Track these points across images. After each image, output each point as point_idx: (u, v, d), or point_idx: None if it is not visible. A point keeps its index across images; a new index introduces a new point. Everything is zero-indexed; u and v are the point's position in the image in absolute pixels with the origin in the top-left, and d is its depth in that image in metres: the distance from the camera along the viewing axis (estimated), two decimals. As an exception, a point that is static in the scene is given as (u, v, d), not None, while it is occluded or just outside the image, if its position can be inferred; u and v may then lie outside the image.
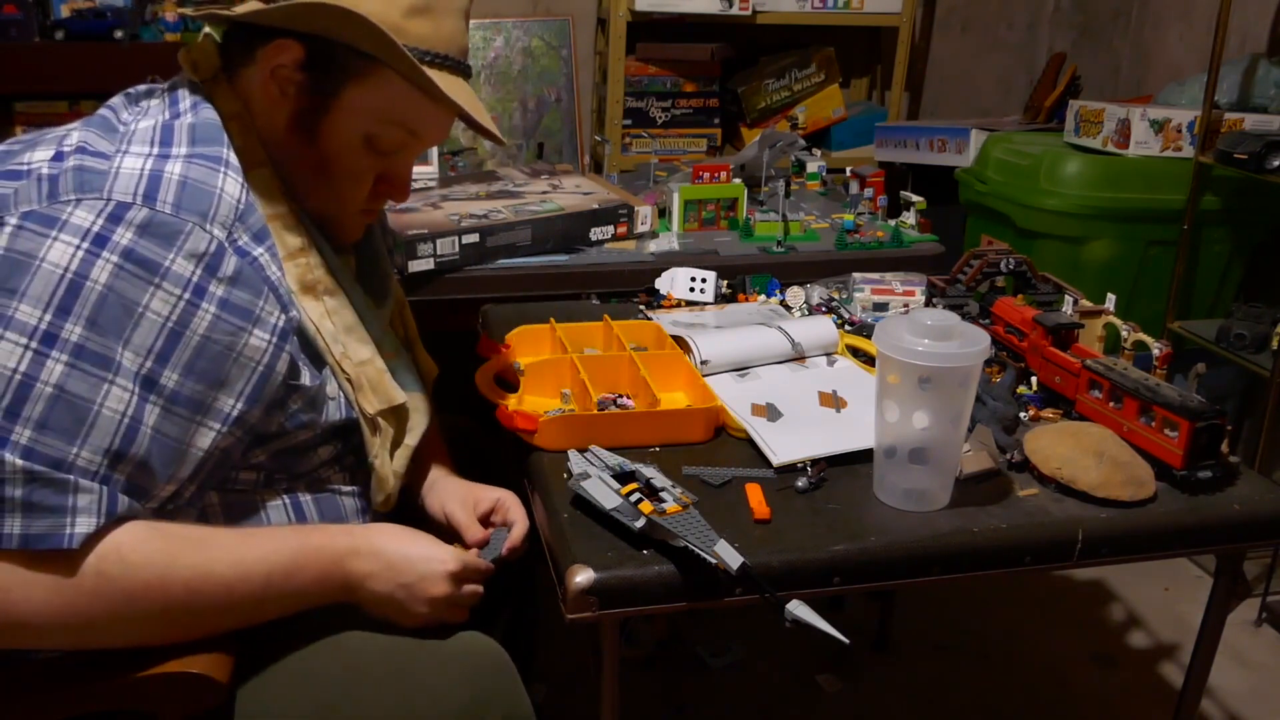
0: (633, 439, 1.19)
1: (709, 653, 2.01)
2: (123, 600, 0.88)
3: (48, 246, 0.85)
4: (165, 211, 0.89)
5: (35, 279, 0.84)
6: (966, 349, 1.03)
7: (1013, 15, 3.17)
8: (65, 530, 0.84)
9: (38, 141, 0.96)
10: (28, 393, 0.83)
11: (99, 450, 0.86)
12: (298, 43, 0.98)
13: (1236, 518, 1.13)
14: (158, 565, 0.90)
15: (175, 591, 0.90)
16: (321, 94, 1.00)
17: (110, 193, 0.89)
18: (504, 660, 1.06)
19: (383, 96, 1.00)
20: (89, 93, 2.30)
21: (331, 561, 0.98)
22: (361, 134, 1.02)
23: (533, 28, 2.74)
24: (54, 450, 0.84)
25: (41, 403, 0.83)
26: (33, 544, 0.84)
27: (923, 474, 1.09)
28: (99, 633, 0.90)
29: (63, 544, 0.84)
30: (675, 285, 1.63)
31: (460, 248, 1.67)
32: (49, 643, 0.91)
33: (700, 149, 2.87)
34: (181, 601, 0.91)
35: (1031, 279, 1.52)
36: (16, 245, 0.85)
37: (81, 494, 0.85)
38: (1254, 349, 2.20)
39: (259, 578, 0.94)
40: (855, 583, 1.04)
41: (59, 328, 0.84)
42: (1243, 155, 2.09)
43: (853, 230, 1.90)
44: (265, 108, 1.01)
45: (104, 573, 0.87)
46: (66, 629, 0.88)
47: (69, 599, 0.86)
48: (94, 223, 0.87)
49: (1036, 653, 2.07)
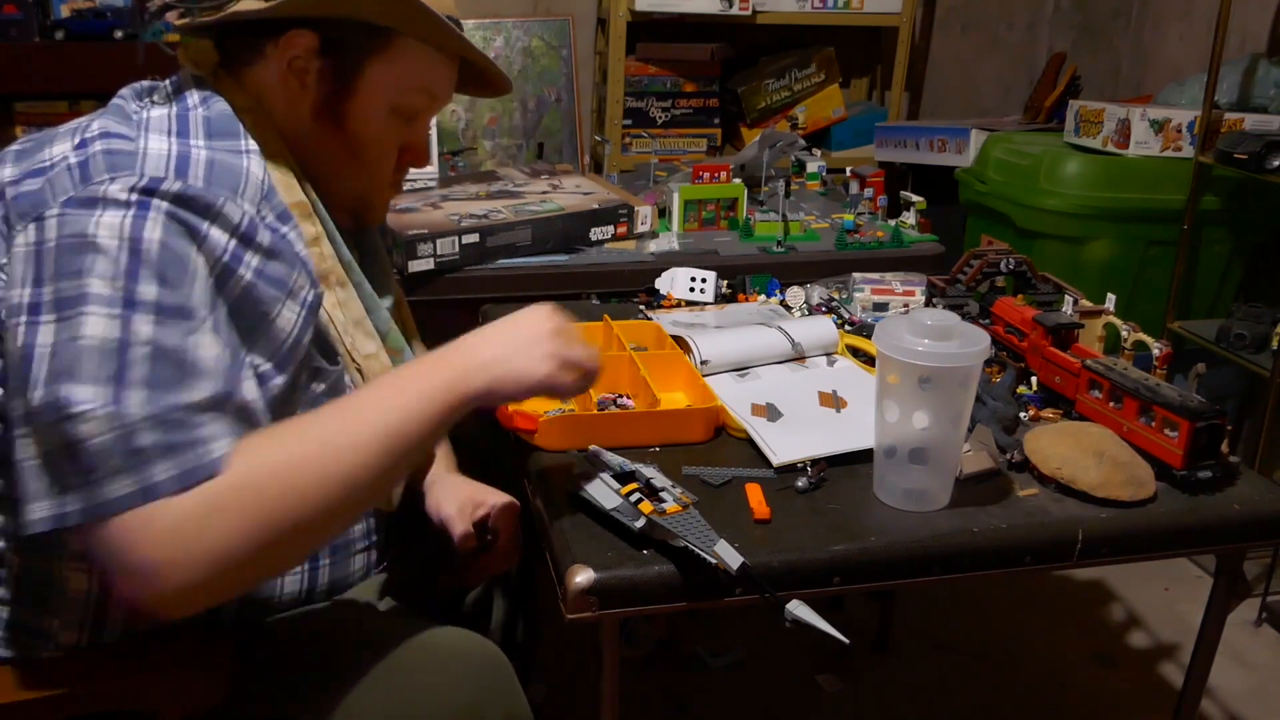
0: (633, 439, 1.19)
1: (709, 653, 2.01)
2: (280, 489, 0.86)
3: (96, 222, 0.86)
4: (198, 185, 0.91)
5: (96, 254, 0.85)
6: (966, 349, 1.03)
7: (1013, 15, 3.17)
8: (208, 457, 0.84)
9: (52, 137, 0.96)
10: (128, 356, 0.84)
11: (206, 392, 0.86)
12: (310, 31, 0.99)
13: (1236, 518, 1.13)
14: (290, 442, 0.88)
15: (313, 451, 0.88)
16: (344, 76, 1.01)
17: (143, 169, 0.90)
18: (502, 661, 1.06)
19: (403, 65, 1.03)
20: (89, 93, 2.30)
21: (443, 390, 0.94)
22: (388, 106, 1.04)
23: (533, 28, 2.73)
24: (169, 400, 0.84)
25: (144, 363, 0.84)
26: (187, 479, 0.83)
27: (923, 474, 1.09)
28: (278, 531, 0.86)
29: (214, 469, 0.84)
30: (675, 285, 1.63)
31: (460, 248, 1.67)
32: (248, 577, 0.89)
33: (700, 149, 2.87)
34: (326, 461, 0.88)
35: (1031, 279, 1.52)
36: (66, 231, 0.86)
37: (207, 425, 0.85)
38: (1254, 349, 2.20)
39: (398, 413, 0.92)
40: (855, 583, 1.04)
41: (134, 291, 0.85)
42: (1243, 155, 2.09)
43: (853, 230, 1.90)
44: (286, 101, 1.02)
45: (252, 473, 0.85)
46: (252, 546, 0.84)
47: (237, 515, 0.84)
48: (133, 194, 0.87)
49: (1036, 653, 2.07)
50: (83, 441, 0.81)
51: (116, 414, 0.82)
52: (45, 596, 0.96)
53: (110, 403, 0.82)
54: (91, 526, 0.81)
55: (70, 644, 0.97)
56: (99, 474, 0.81)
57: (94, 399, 0.81)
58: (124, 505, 0.81)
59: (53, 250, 0.85)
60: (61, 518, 0.81)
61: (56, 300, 0.84)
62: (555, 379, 0.97)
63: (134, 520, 0.81)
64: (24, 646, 0.97)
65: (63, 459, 0.81)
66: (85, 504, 0.81)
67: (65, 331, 0.83)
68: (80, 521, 0.81)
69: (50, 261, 0.85)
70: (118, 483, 0.81)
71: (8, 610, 0.96)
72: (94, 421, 0.81)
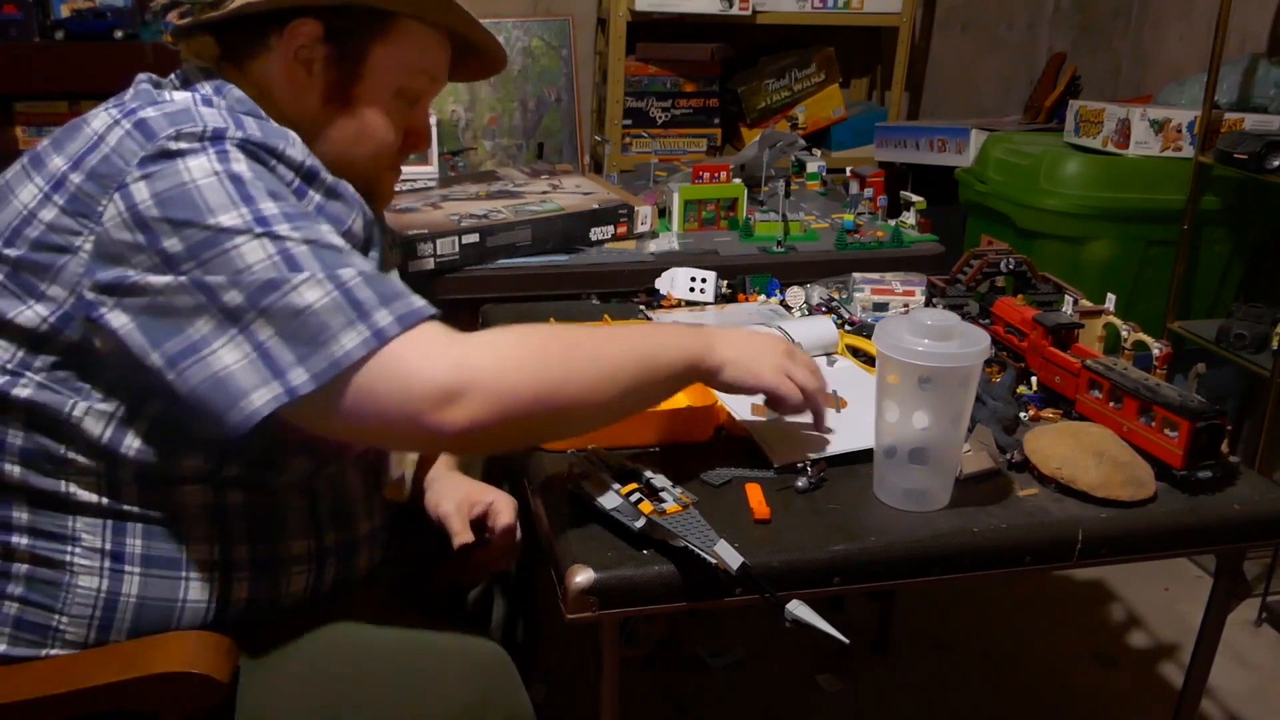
0: (633, 439, 1.19)
1: (709, 653, 2.01)
2: (555, 350, 0.95)
3: (185, 168, 0.88)
4: (258, 135, 0.93)
5: (205, 193, 0.87)
6: (966, 349, 1.03)
7: (1013, 15, 3.17)
8: (418, 303, 0.90)
9: (86, 120, 0.95)
10: (295, 257, 0.87)
11: (368, 263, 0.91)
12: (314, 19, 1.00)
13: (1236, 518, 1.13)
14: (556, 330, 1.00)
15: (583, 340, 0.99)
16: (351, 61, 1.03)
17: (203, 121, 0.92)
18: (505, 661, 1.06)
19: (406, 47, 1.05)
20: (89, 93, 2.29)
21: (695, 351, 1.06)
22: (394, 89, 1.06)
23: (533, 28, 2.73)
24: (353, 268, 0.88)
25: (310, 256, 0.87)
26: (408, 320, 0.88)
27: (923, 474, 1.09)
28: (551, 383, 0.93)
29: (426, 313, 0.89)
30: (675, 285, 1.63)
31: (460, 248, 1.67)
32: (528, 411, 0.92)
33: (700, 149, 2.87)
34: (592, 351, 0.97)
35: (1031, 279, 1.52)
36: (160, 186, 0.88)
37: (398, 280, 0.91)
38: (1254, 349, 2.20)
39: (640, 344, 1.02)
40: (855, 583, 1.04)
41: (258, 210, 0.88)
42: (1243, 155, 2.09)
43: (853, 230, 1.90)
44: (293, 92, 1.03)
45: (530, 330, 0.96)
46: (529, 380, 0.91)
47: (516, 345, 0.92)
48: (203, 140, 0.90)
49: (1036, 653, 2.07)
50: (310, 306, 0.85)
51: (333, 276, 0.87)
52: (54, 593, 0.96)
53: (320, 271, 0.86)
54: (338, 383, 0.85)
55: (77, 642, 0.97)
56: (329, 332, 0.85)
57: (306, 273, 0.86)
58: (359, 354, 0.85)
59: (154, 207, 0.87)
60: (294, 389, 0.85)
61: (189, 249, 0.86)
62: (780, 386, 1.09)
63: (410, 355, 0.86)
64: (30, 644, 0.97)
65: (286, 334, 0.85)
66: (326, 363, 0.85)
67: (223, 270, 0.86)
68: (325, 380, 0.85)
69: (161, 219, 0.87)
70: (348, 334, 0.85)
71: (16, 606, 0.96)
72: (316, 286, 0.86)
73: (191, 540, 0.97)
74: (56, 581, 0.96)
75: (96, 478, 0.95)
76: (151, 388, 0.90)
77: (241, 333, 0.86)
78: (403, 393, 0.86)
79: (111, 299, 0.88)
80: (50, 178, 0.92)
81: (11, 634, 0.96)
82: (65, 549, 0.95)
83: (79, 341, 0.91)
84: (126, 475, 0.95)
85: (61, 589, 0.96)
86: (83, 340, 0.91)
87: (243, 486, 1.00)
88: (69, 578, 0.96)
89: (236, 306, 0.86)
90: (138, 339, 0.88)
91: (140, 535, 0.96)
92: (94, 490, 0.95)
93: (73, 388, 0.92)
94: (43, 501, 0.95)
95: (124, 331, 0.88)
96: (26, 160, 0.96)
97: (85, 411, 0.92)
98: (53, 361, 0.92)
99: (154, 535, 0.97)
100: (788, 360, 1.11)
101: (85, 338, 0.91)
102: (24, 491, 0.95)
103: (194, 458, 0.96)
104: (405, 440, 1.02)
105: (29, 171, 0.94)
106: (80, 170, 0.90)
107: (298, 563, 1.03)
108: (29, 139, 2.36)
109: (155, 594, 0.97)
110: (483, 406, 0.88)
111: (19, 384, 0.92)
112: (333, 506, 1.07)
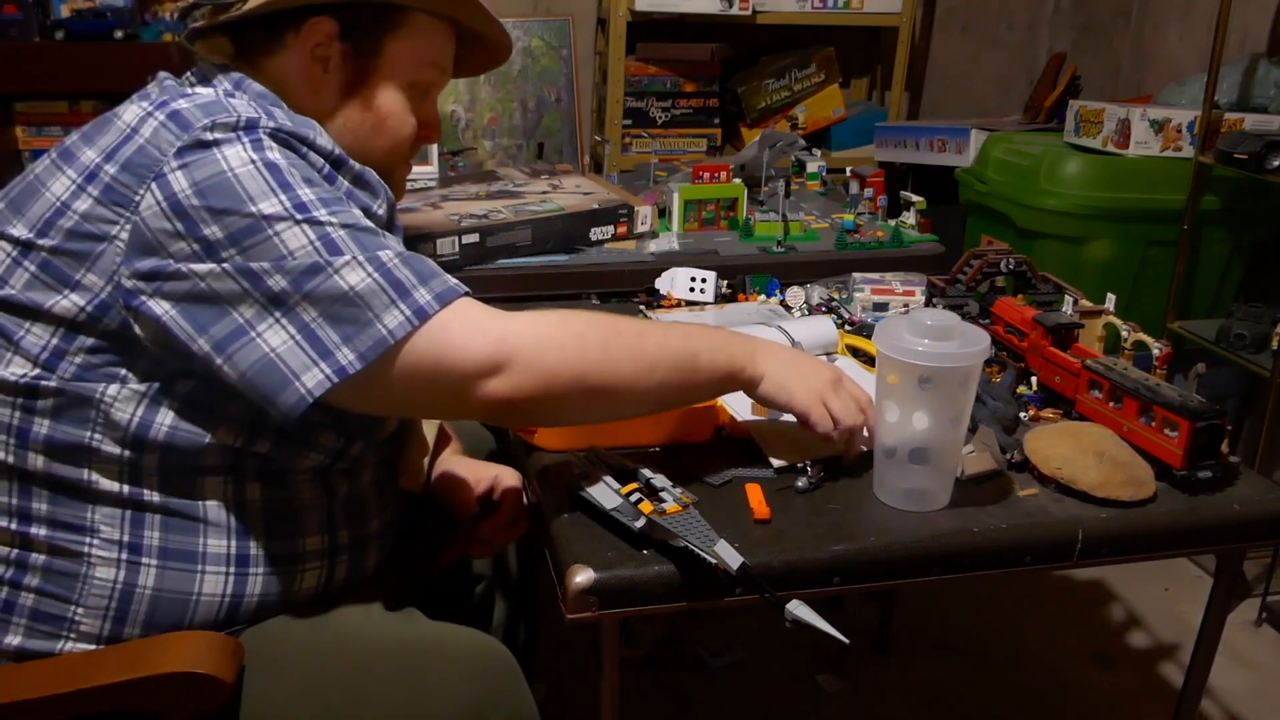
0: (633, 439, 1.19)
1: (709, 653, 2.01)
2: (597, 334, 0.98)
3: (222, 157, 0.91)
4: (288, 125, 0.96)
5: (243, 181, 0.90)
6: (966, 349, 1.03)
7: (1013, 15, 3.17)
8: (452, 281, 0.94)
9: (117, 114, 0.97)
10: (334, 242, 0.90)
11: (402, 245, 0.95)
12: (329, 17, 1.02)
13: (1236, 518, 1.13)
14: (607, 317, 1.02)
15: (626, 328, 1.02)
16: (366, 56, 1.06)
17: (236, 111, 0.94)
18: (509, 660, 1.06)
19: (419, 40, 1.08)
20: (89, 93, 2.30)
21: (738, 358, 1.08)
22: (408, 82, 1.09)
23: (533, 28, 2.74)
24: (391, 247, 0.92)
25: (349, 240, 0.91)
26: (446, 297, 0.92)
27: (923, 474, 1.09)
28: (590, 364, 0.97)
29: (460, 290, 0.93)
30: (675, 285, 1.63)
31: (460, 248, 1.66)
32: (570, 387, 0.97)
33: (700, 149, 2.87)
34: (636, 341, 1.01)
35: (1031, 279, 1.52)
36: (198, 175, 0.90)
37: (431, 261, 0.95)
38: (1254, 349, 2.20)
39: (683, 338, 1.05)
40: (855, 583, 1.04)
41: (296, 197, 0.91)
42: (1243, 155, 2.09)
43: (853, 230, 1.90)
44: (310, 88, 1.05)
45: (573, 313, 0.99)
46: (573, 358, 0.96)
47: (558, 325, 0.97)
48: (237, 130, 0.92)
49: (1036, 653, 2.07)
50: (352, 288, 0.88)
51: (371, 259, 0.89)
52: (71, 585, 0.96)
53: (359, 254, 0.89)
54: (384, 361, 0.89)
55: (92, 634, 0.97)
56: (373, 312, 0.89)
57: (346, 256, 0.89)
58: (403, 331, 0.89)
59: (193, 196, 0.89)
60: (342, 369, 0.88)
61: (230, 236, 0.88)
62: (812, 411, 1.08)
63: (453, 330, 0.91)
64: (46, 635, 0.97)
65: (331, 316, 0.88)
66: (371, 342, 0.88)
67: (265, 256, 0.88)
68: (371, 360, 0.88)
69: (200, 208, 0.89)
70: (390, 314, 0.89)
71: (32, 598, 0.97)
72: (356, 269, 0.88)
73: (209, 534, 0.99)
74: (74, 573, 0.96)
75: (119, 466, 0.96)
76: (188, 369, 0.93)
77: (286, 316, 0.89)
78: (449, 366, 0.91)
79: (151, 286, 0.90)
80: (83, 170, 0.93)
81: (28, 625, 0.97)
82: (84, 540, 0.96)
83: (117, 329, 0.93)
84: (150, 464, 0.96)
85: (78, 580, 0.96)
86: (121, 327, 0.93)
87: (261, 479, 1.01)
88: (86, 569, 0.96)
89: (280, 291, 0.88)
90: (182, 325, 0.90)
91: (158, 528, 0.97)
92: (116, 479, 0.96)
93: (107, 373, 0.94)
94: (64, 490, 0.96)
95: (167, 318, 0.90)
96: (55, 155, 0.98)
97: (117, 393, 0.94)
98: (90, 346, 0.94)
99: (171, 528, 0.98)
100: (829, 389, 1.10)
101: (124, 325, 0.92)
102: (46, 482, 0.96)
103: (224, 434, 0.97)
104: (450, 409, 1.07)
105: (59, 165, 0.95)
106: (114, 162, 0.92)
107: (311, 559, 1.04)
108: (29, 139, 2.36)
109: (171, 587, 0.98)
110: (524, 380, 0.93)
111: (51, 376, 0.94)
112: (347, 503, 1.08)
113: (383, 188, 1.04)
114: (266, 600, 1.02)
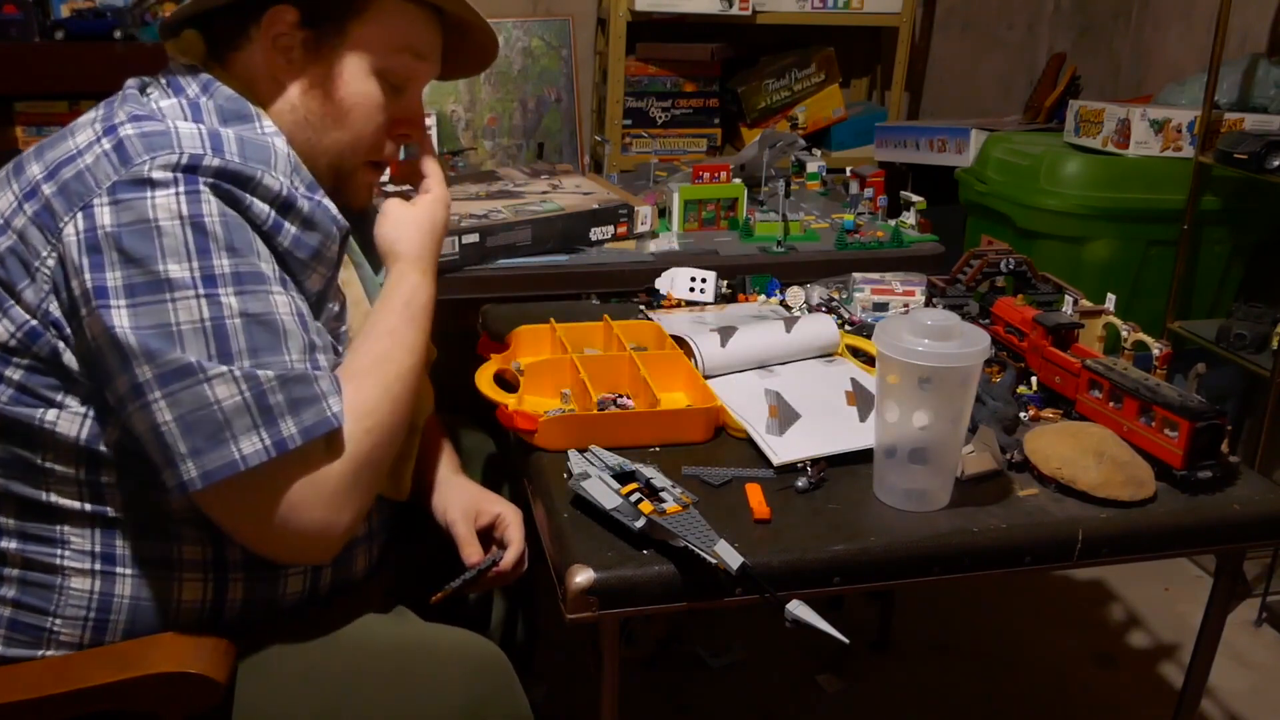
0: (633, 439, 1.19)
1: (709, 653, 2.01)
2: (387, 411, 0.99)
3: (151, 205, 0.88)
4: (235, 160, 0.92)
5: (162, 237, 0.87)
6: (966, 349, 1.03)
7: (1013, 15, 3.17)
8: (328, 412, 0.92)
9: (70, 130, 0.96)
10: (225, 331, 0.88)
11: (301, 348, 0.92)
12: (290, 5, 0.99)
13: (1236, 518, 1.13)
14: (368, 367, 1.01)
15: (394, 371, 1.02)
16: (329, 44, 1.02)
17: (180, 147, 0.91)
18: (502, 661, 1.06)
19: (385, 25, 1.03)
20: (89, 93, 2.29)
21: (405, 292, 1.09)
22: (374, 70, 1.05)
23: (533, 28, 2.73)
24: (276, 360, 0.90)
25: (240, 333, 0.88)
26: (311, 433, 0.90)
27: (923, 474, 1.09)
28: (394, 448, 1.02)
29: (333, 424, 0.92)
30: (675, 285, 1.63)
31: (460, 248, 1.66)
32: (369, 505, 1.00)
33: (700, 149, 2.87)
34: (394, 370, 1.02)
35: (1031, 279, 1.52)
36: (122, 219, 0.87)
37: (319, 380, 0.92)
38: (1254, 349, 2.20)
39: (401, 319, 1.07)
40: (855, 583, 1.04)
41: (210, 267, 0.88)
42: (1243, 155, 2.09)
43: (853, 230, 1.90)
44: (274, 80, 1.02)
45: (355, 424, 0.96)
46: (381, 476, 1.01)
47: (373, 459, 0.97)
48: (177, 172, 0.89)
49: (1036, 653, 2.07)
50: (219, 402, 0.86)
51: (246, 375, 0.87)
52: (47, 596, 0.96)
53: (234, 367, 0.87)
54: (234, 482, 0.88)
55: (72, 643, 0.97)
56: (231, 431, 0.87)
57: (220, 365, 0.87)
58: (257, 460, 0.88)
59: (113, 237, 0.87)
60: (183, 484, 0.88)
61: (129, 286, 0.86)
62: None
63: (304, 489, 0.91)
64: (25, 645, 0.97)
65: (187, 423, 0.87)
66: (222, 461, 0.87)
67: (153, 317, 0.86)
68: (214, 482, 0.87)
69: (112, 248, 0.86)
70: (248, 440, 0.87)
71: (9, 609, 0.96)
72: (229, 383, 0.87)
73: (183, 541, 0.97)
74: (49, 584, 0.96)
75: (78, 485, 0.94)
76: None
77: (142, 411, 0.88)
78: (275, 521, 0.92)
79: (72, 323, 0.89)
80: (26, 185, 0.92)
81: (6, 635, 0.96)
82: (55, 552, 0.95)
83: (48, 356, 0.91)
84: (109, 479, 0.95)
85: (54, 591, 0.96)
86: (52, 355, 0.91)
87: None
88: (61, 580, 0.96)
89: (144, 383, 0.87)
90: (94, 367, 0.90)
91: (129, 536, 0.96)
92: (76, 499, 0.95)
93: (45, 397, 0.92)
94: (29, 507, 0.95)
95: (85, 355, 0.90)
96: (11, 166, 0.97)
97: (57, 418, 0.92)
98: (26, 368, 0.92)
99: (143, 537, 0.97)
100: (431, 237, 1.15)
101: (54, 352, 0.91)
102: (9, 499, 0.95)
103: None
104: (257, 543, 0.97)
105: (10, 178, 0.95)
106: (54, 181, 0.90)
107: (293, 564, 1.03)
108: (29, 139, 2.35)
109: (149, 594, 0.97)
110: (331, 552, 0.98)
111: None
112: None
113: (335, 221, 1.00)
114: (250, 604, 1.01)
